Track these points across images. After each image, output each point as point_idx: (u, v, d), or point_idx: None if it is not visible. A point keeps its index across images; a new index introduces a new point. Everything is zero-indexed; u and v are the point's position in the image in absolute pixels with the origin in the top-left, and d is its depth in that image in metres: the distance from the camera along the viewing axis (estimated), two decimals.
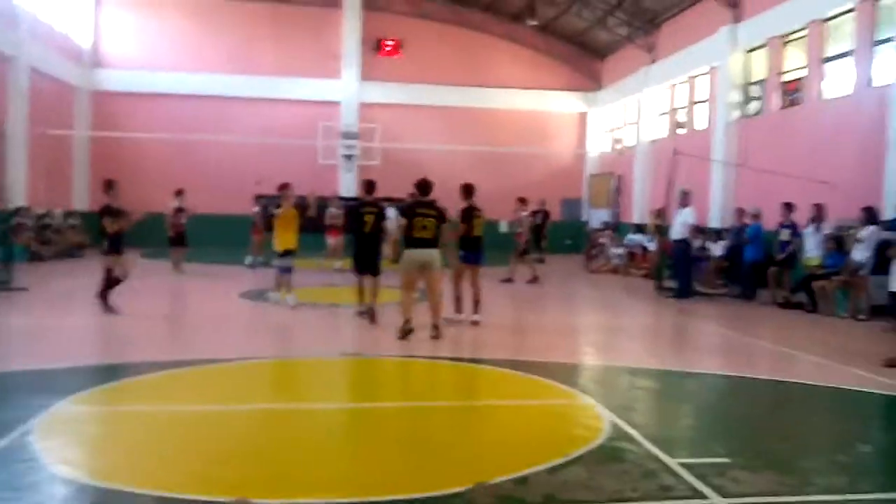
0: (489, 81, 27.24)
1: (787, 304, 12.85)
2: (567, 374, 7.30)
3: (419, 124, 26.78)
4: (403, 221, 9.09)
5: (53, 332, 9.10)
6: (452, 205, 10.41)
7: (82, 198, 24.65)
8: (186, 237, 16.54)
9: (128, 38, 25.61)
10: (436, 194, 9.42)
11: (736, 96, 18.13)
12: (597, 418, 5.66)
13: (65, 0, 23.42)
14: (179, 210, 16.44)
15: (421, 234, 8.84)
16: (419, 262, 8.86)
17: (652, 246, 18.04)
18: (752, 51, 17.85)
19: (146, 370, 6.94)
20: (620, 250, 20.27)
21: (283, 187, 11.79)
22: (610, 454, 4.87)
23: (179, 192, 16.76)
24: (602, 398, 6.27)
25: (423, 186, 9.20)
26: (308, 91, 26.14)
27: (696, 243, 17.29)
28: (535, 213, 20.58)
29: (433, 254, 8.88)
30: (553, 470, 4.48)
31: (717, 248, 16.16)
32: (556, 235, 24.87)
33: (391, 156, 25.19)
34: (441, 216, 9.03)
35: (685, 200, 13.98)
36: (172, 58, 25.68)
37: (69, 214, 22.49)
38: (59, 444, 4.81)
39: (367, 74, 26.58)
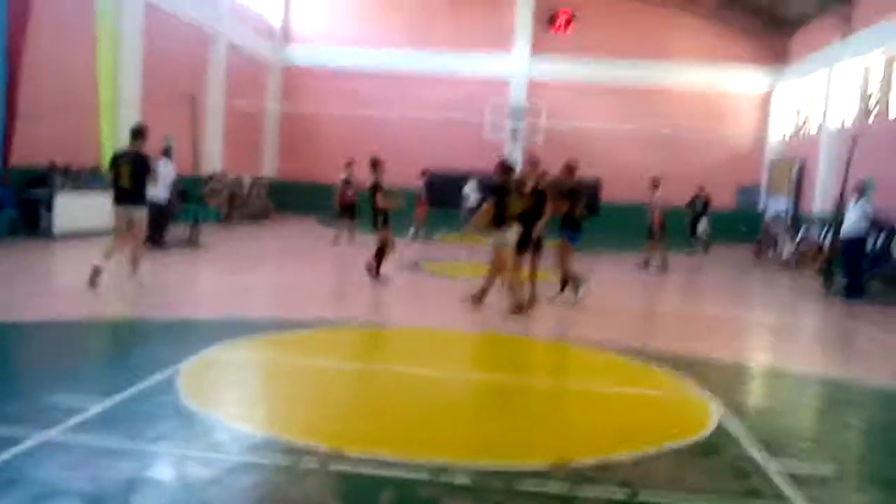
0: (664, 56, 26.22)
1: None
2: (689, 366, 7.16)
3: (588, 101, 26.40)
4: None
5: (225, 287, 10.22)
6: (617, 185, 10.27)
7: (271, 167, 26.90)
8: (356, 210, 16.44)
9: (315, 16, 27.36)
10: (602, 174, 9.50)
11: None
12: (706, 413, 5.59)
13: None
14: (347, 182, 16.62)
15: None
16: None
17: (826, 240, 16.76)
18: None
19: (297, 327, 7.70)
20: (793, 244, 19.00)
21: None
22: (706, 451, 4.82)
23: (348, 164, 16.81)
24: (720, 395, 6.12)
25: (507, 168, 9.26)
26: (479, 66, 26.58)
27: (877, 241, 15.88)
28: (693, 199, 19.77)
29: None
30: (640, 459, 4.54)
31: None
32: (728, 224, 23.73)
33: (556, 134, 25.09)
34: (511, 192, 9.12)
35: (860, 192, 12.88)
36: (355, 34, 27.15)
37: (257, 181, 24.61)
38: (199, 385, 5.54)
39: (538, 48, 26.52)
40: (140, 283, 9.22)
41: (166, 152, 14.32)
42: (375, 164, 11.05)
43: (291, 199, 25.59)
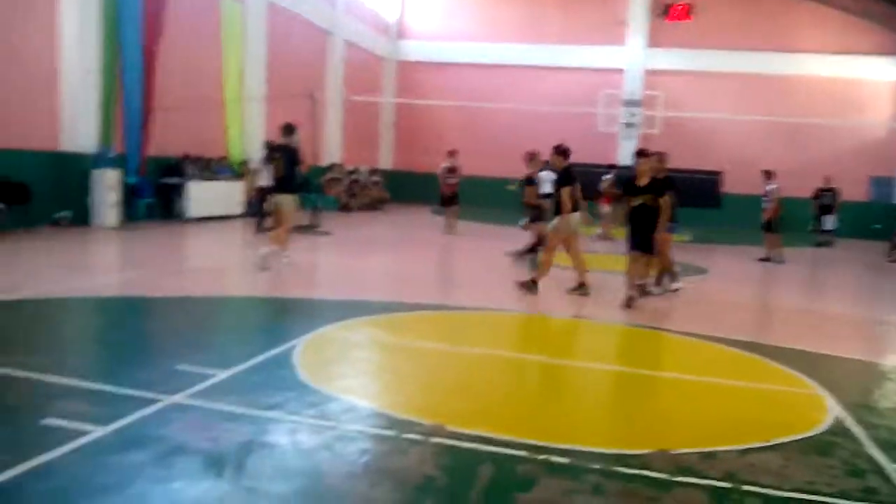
0: (788, 46, 24.92)
1: None
2: (806, 362, 6.85)
3: (707, 92, 25.46)
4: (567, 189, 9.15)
5: (342, 270, 10.67)
6: (739, 177, 9.87)
7: (386, 158, 27.61)
8: (458, 197, 16.70)
9: (429, 11, 27.78)
10: (725, 166, 9.26)
11: None
12: (821, 410, 5.36)
13: None
14: (451, 170, 16.71)
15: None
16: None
17: None
18: None
19: (407, 309, 7.96)
20: None
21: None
22: (819, 447, 4.64)
23: (452, 153, 16.91)
24: (838, 392, 5.84)
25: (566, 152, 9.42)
26: (591, 59, 26.21)
27: None
28: (820, 191, 18.69)
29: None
30: (746, 451, 4.42)
31: None
32: (859, 217, 22.32)
33: (674, 125, 24.35)
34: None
35: None
36: (467, 28, 27.38)
37: (374, 172, 25.30)
38: (314, 360, 5.85)
39: (653, 41, 25.88)
40: (288, 263, 9.98)
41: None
42: (532, 157, 11.10)
43: (407, 188, 26.16)
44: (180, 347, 5.97)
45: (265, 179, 12.54)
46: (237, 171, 17.40)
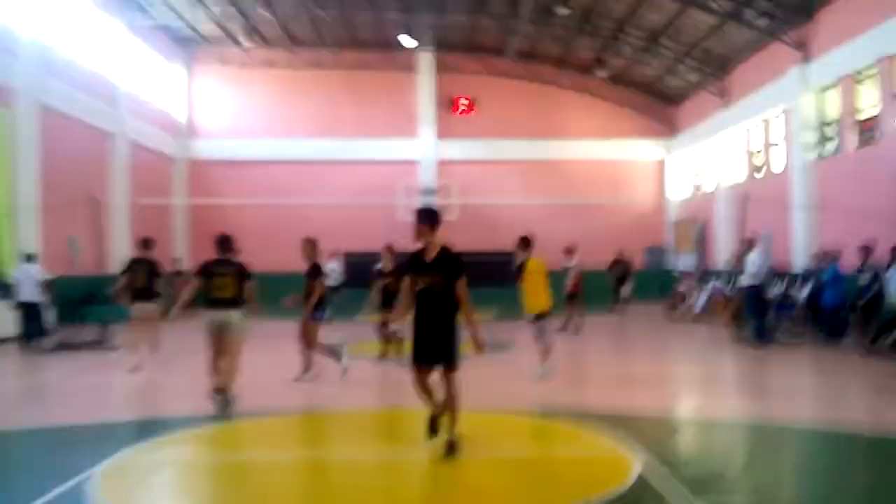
0: (564, 133, 27.61)
1: (871, 350, 12.26)
2: (610, 423, 7.28)
3: (496, 179, 27.25)
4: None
5: (136, 388, 9.81)
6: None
7: (183, 261, 26.25)
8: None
9: (220, 109, 27.52)
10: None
11: (811, 137, 17.70)
12: (626, 469, 5.66)
13: (162, 77, 25.46)
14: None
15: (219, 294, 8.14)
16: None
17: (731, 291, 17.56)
18: (824, 90, 17.45)
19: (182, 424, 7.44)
20: (703, 298, 19.82)
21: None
22: (627, 502, 4.90)
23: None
24: (639, 449, 6.22)
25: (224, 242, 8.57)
26: (387, 151, 27.20)
27: (777, 289, 16.79)
28: (614, 263, 20.47)
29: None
30: None
31: (802, 294, 15.62)
32: (640, 284, 24.54)
33: (469, 211, 25.67)
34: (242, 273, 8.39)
35: (752, 245, 13.67)
36: (260, 126, 27.40)
37: (175, 274, 23.87)
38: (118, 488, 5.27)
39: (443, 132, 27.43)
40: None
41: (28, 258, 14.49)
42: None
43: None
44: None
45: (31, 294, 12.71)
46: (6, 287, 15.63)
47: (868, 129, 15.82)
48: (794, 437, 7.09)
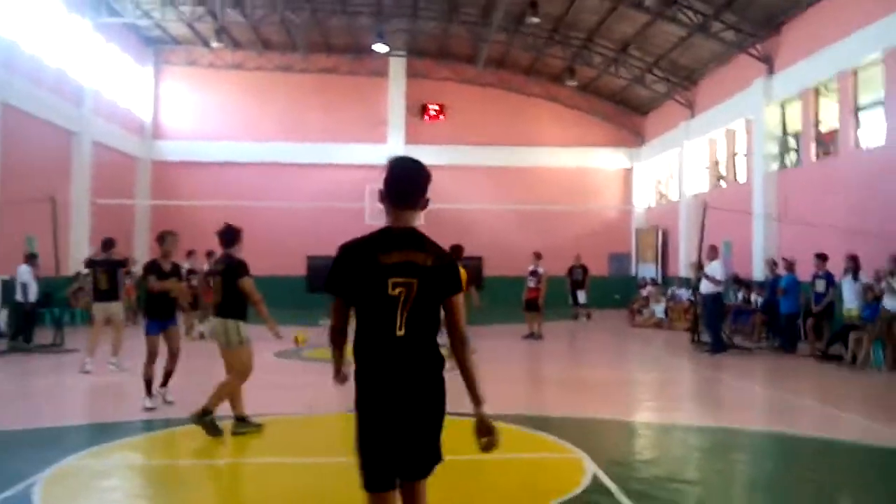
0: (533, 141, 27.69)
1: (825, 357, 12.49)
2: (565, 427, 7.31)
3: (465, 185, 27.20)
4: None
5: (94, 391, 9.60)
6: (499, 261, 10.33)
7: (143, 263, 25.83)
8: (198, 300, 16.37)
9: (185, 111, 27.17)
10: (484, 252, 9.68)
11: (773, 148, 18.02)
12: (580, 471, 5.69)
13: (127, 77, 25.08)
14: (191, 272, 16.49)
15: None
16: None
17: (690, 299, 17.81)
18: (786, 102, 17.78)
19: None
20: (663, 304, 20.08)
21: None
22: None
23: (190, 254, 17.38)
24: (594, 452, 6.25)
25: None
26: (355, 156, 27.00)
27: (738, 296, 17.08)
28: (572, 269, 20.59)
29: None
30: None
31: (760, 301, 15.90)
32: (603, 290, 24.72)
33: (437, 216, 25.60)
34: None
35: (712, 254, 13.85)
36: (226, 128, 27.07)
37: (134, 276, 23.50)
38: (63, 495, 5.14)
39: (412, 138, 27.34)
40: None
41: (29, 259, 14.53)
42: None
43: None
44: None
45: None
46: None
47: (828, 142, 16.14)
48: (744, 441, 7.18)
